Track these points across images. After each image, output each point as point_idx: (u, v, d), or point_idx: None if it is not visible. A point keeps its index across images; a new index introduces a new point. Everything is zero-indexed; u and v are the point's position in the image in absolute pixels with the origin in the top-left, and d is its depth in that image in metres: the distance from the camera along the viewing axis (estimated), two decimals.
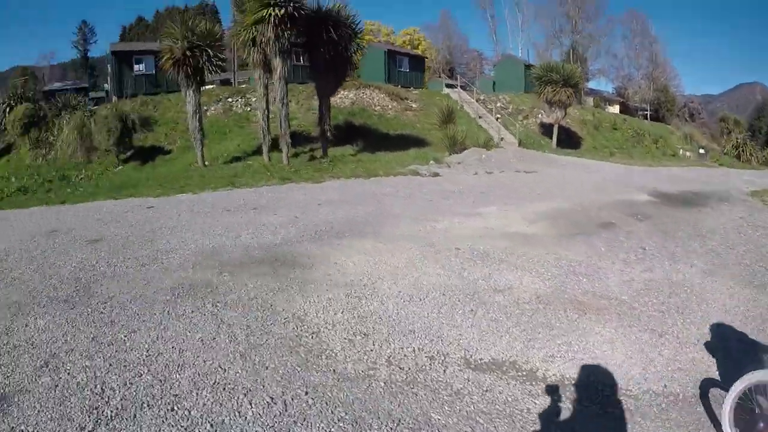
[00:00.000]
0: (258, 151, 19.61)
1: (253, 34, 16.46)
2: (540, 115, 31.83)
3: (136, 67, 29.36)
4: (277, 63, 16.88)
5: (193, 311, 5.02)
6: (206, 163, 18.51)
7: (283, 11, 15.66)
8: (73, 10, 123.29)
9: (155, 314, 4.97)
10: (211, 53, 17.68)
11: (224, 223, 8.97)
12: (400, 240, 7.66)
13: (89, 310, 5.20)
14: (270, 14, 15.62)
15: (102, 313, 5.11)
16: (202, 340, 4.42)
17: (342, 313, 5.00)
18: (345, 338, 4.46)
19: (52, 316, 5.16)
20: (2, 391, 3.84)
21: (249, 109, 25.67)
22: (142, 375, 3.88)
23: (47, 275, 6.57)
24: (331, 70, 18.87)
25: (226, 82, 33.02)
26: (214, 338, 4.46)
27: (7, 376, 4.02)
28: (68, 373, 4.00)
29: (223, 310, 5.05)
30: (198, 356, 4.15)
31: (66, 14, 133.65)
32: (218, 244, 7.49)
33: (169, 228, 8.76)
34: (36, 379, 3.95)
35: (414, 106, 29.35)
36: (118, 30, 73.61)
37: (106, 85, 42.95)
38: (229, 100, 26.59)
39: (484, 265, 6.48)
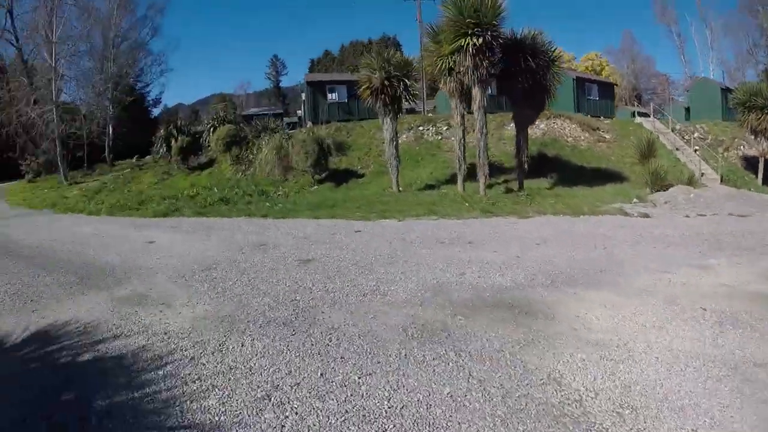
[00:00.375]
0: (450, 180, 19.52)
1: (449, 64, 16.51)
2: (742, 147, 27.79)
3: (329, 95, 32.06)
4: (476, 92, 16.72)
5: (434, 358, 4.48)
6: (400, 188, 18.90)
7: (481, 40, 15.47)
8: (266, 46, 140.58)
9: (390, 356, 4.52)
10: (407, 83, 18.59)
11: (442, 256, 8.64)
12: (638, 294, 6.70)
13: (312, 340, 4.93)
14: (468, 43, 15.54)
15: (328, 345, 4.80)
16: (451, 396, 3.84)
17: (602, 379, 4.23)
18: (612, 410, 3.75)
19: (271, 339, 4.97)
20: (218, 419, 3.56)
21: (440, 137, 25.82)
22: (386, 430, 3.42)
23: (260, 292, 6.56)
24: (528, 99, 18.23)
25: (411, 111, 33.83)
26: (466, 395, 3.86)
27: (223, 403, 3.82)
28: (296, 413, 3.68)
29: (469, 361, 4.44)
30: (450, 415, 3.60)
31: (260, 49, 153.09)
32: (443, 281, 7.06)
33: (384, 256, 8.64)
34: (258, 413, 3.67)
35: (607, 137, 27.37)
36: (305, 62, 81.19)
37: (299, 112, 46.99)
38: (420, 128, 27.03)
39: (735, 332, 5.41)
